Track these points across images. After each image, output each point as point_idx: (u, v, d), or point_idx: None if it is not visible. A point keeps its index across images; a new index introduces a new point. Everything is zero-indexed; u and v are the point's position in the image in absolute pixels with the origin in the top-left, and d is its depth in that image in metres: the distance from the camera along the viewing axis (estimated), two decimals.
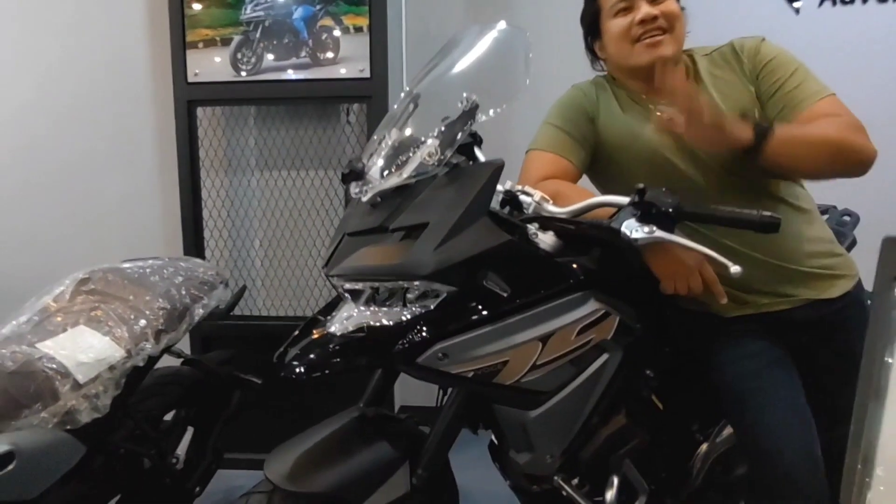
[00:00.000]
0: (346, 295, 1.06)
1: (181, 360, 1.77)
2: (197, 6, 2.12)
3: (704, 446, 1.47)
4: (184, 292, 1.47)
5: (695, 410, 1.47)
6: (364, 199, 1.05)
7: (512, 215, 1.12)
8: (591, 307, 1.05)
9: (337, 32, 2.11)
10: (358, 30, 2.10)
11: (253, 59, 2.13)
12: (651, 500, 1.31)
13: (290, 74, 2.13)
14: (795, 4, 2.22)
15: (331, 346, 1.01)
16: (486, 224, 0.96)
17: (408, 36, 2.28)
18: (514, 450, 1.18)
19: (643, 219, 0.98)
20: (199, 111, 2.21)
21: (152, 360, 1.41)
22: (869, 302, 1.29)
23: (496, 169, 0.98)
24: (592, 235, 1.05)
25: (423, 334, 0.98)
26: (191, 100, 2.16)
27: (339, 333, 1.03)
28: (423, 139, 1.00)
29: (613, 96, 1.28)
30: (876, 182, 1.23)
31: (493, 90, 0.99)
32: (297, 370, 1.00)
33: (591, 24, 1.28)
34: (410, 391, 2.23)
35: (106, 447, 1.39)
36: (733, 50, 1.22)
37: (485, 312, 0.99)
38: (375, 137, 1.09)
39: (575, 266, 1.05)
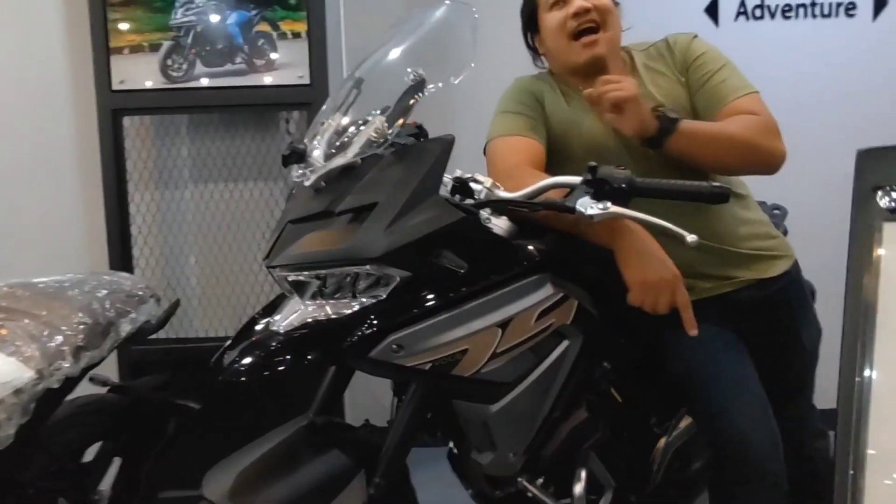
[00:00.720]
0: (291, 290, 0.97)
1: (107, 388, 1.62)
2: (120, 11, 2.00)
3: (663, 441, 1.46)
4: (108, 305, 1.34)
5: (652, 404, 1.46)
6: (307, 183, 0.98)
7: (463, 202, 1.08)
8: (549, 290, 1.02)
9: (274, 38, 2.04)
10: (296, 35, 2.04)
11: (184, 66, 2.03)
12: (616, 496, 1.28)
13: (225, 81, 2.03)
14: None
15: (274, 344, 0.93)
16: (438, 202, 0.92)
17: (347, 41, 2.23)
18: (476, 450, 1.12)
19: (597, 196, 0.96)
20: (126, 121, 2.08)
21: (71, 382, 1.26)
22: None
23: (446, 144, 0.94)
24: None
25: (376, 326, 0.92)
26: (116, 108, 2.02)
27: (283, 331, 0.94)
28: (369, 117, 0.95)
29: (555, 90, 1.30)
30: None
31: (440, 65, 0.96)
32: (237, 372, 0.91)
33: (530, 19, 1.31)
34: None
35: (13, 486, 1.23)
36: (667, 45, 1.28)
37: (440, 299, 0.93)
38: (318, 121, 1.03)
39: (531, 248, 1.01)
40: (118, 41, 2.01)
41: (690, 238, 0.93)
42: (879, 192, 0.56)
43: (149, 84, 2.02)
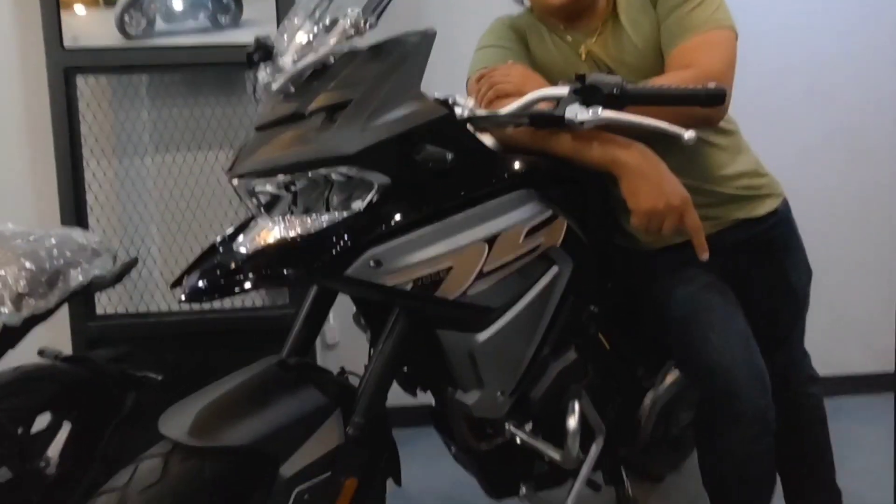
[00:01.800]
0: (258, 207, 0.89)
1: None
2: None
3: (650, 395, 1.42)
4: (56, 254, 1.23)
5: (639, 355, 1.41)
6: (275, 86, 0.90)
7: None
8: (536, 207, 0.96)
9: None
10: None
11: (143, 22, 1.91)
12: (605, 446, 1.22)
13: (187, 40, 1.92)
14: None
15: (236, 264, 0.84)
16: (419, 97, 0.84)
17: None
18: (462, 390, 1.04)
19: (587, 102, 0.89)
20: (80, 81, 1.95)
21: (11, 333, 1.15)
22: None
23: (428, 37, 0.87)
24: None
25: (352, 240, 0.83)
26: (68, 67, 1.89)
27: (248, 252, 0.86)
28: (342, 14, 0.87)
29: (538, 29, 1.24)
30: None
31: None
32: (197, 292, 0.82)
33: None
34: None
35: None
36: None
37: (422, 210, 0.86)
38: (286, 23, 0.94)
39: (516, 161, 0.95)
40: None
41: (688, 134, 0.87)
42: None
43: (105, 42, 1.90)
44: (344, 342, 2.19)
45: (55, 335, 1.66)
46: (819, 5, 2.20)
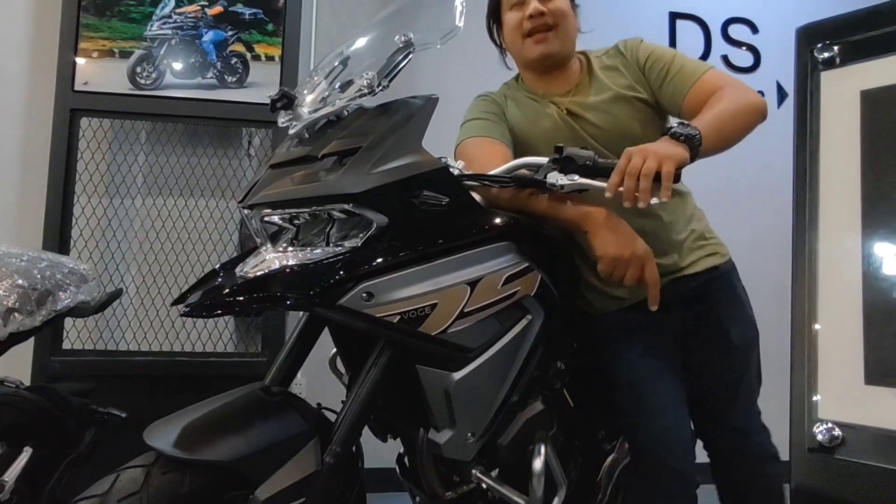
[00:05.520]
0: (265, 236, 0.96)
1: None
2: (94, 17, 2.02)
3: (611, 458, 1.47)
4: (48, 275, 1.26)
5: (600, 416, 1.47)
6: (292, 131, 1.00)
7: None
8: (515, 258, 1.05)
9: (248, 58, 2.10)
10: (269, 58, 2.11)
11: (154, 75, 2.04)
12: (567, 501, 1.25)
13: (193, 94, 2.05)
14: None
15: (238, 285, 0.90)
16: (421, 150, 0.95)
17: (316, 64, 2.31)
18: (435, 429, 1.08)
19: (564, 171, 1.02)
20: (84, 122, 2.04)
21: None
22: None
23: (430, 101, 0.99)
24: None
25: (347, 273, 0.91)
26: (75, 108, 1.99)
27: (250, 275, 0.92)
28: (357, 75, 0.99)
29: (515, 94, 1.38)
30: None
31: (426, 31, 1.02)
32: (200, 308, 0.87)
33: (494, 13, 1.40)
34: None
35: None
36: (617, 48, 1.37)
37: (414, 251, 0.94)
38: (307, 79, 1.06)
39: (498, 217, 1.05)
40: (88, 44, 2.01)
41: (653, 201, 0.97)
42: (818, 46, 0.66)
43: (115, 89, 2.01)
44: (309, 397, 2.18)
45: (15, 367, 1.64)
46: None
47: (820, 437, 0.56)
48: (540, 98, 1.34)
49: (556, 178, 1.01)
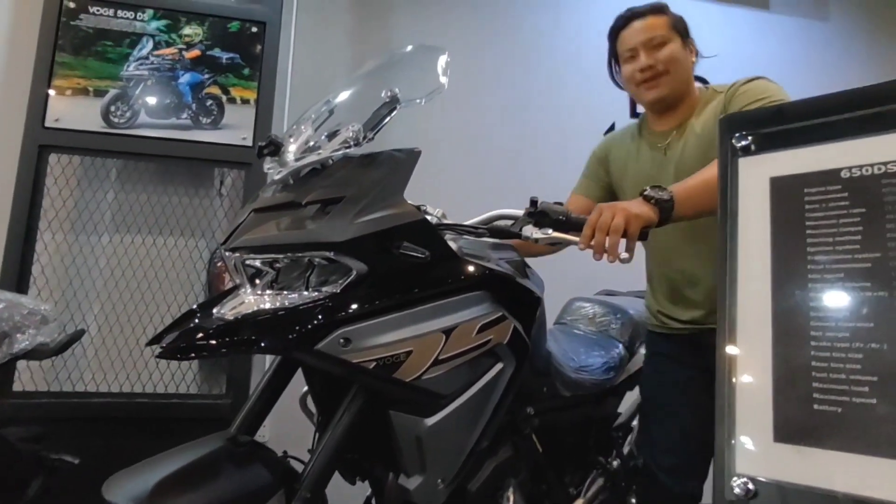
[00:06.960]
0: (244, 278, 0.98)
1: None
2: (69, 55, 2.03)
3: (578, 502, 1.49)
4: (6, 316, 1.24)
5: (568, 461, 1.50)
6: (277, 177, 1.02)
7: None
8: (489, 307, 1.08)
9: (223, 101, 2.13)
10: (245, 102, 2.15)
11: (128, 114, 2.05)
12: None
13: (167, 134, 2.06)
14: None
15: (216, 328, 0.91)
16: (402, 202, 0.99)
17: (290, 109, 2.36)
18: (405, 474, 1.09)
19: (539, 224, 1.07)
20: (53, 158, 2.02)
21: None
22: None
23: (413, 154, 1.03)
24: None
25: (325, 318, 0.93)
26: (44, 145, 1.97)
27: (228, 317, 0.94)
28: (346, 126, 1.03)
29: (628, 134, 1.53)
30: None
31: (411, 87, 1.07)
32: (175, 350, 0.88)
33: (613, 60, 1.50)
34: None
35: None
36: (732, 84, 1.34)
37: (391, 298, 0.97)
38: (294, 127, 1.09)
39: (473, 266, 1.09)
40: (63, 82, 2.01)
41: (581, 246, 1.02)
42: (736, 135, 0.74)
43: (86, 127, 2.00)
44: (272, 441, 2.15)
45: None
46: None
47: (737, 489, 0.61)
48: (649, 140, 1.44)
49: (530, 231, 1.06)
